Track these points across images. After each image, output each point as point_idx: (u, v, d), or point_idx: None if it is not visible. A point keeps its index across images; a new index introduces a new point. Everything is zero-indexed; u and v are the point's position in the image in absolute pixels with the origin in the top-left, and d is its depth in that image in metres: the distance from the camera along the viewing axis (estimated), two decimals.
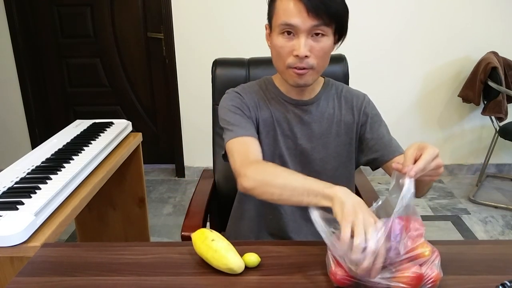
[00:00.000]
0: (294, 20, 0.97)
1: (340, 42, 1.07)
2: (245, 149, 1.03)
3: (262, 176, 0.94)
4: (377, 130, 1.14)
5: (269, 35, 1.08)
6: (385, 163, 1.13)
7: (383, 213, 0.80)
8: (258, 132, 1.12)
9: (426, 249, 0.76)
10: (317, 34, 0.99)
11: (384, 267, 0.75)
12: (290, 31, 0.99)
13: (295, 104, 1.13)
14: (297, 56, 0.99)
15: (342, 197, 0.80)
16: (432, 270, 0.76)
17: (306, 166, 1.14)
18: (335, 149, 1.14)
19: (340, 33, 1.04)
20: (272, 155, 1.14)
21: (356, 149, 1.17)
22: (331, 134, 1.14)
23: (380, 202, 0.82)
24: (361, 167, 1.24)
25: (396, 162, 0.84)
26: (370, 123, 1.14)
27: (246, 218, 1.21)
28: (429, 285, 0.75)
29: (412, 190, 0.76)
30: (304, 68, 1.01)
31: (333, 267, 0.79)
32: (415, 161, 0.80)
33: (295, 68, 1.02)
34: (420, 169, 0.78)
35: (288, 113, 1.13)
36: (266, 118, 1.13)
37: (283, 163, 1.13)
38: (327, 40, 1.01)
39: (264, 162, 1.02)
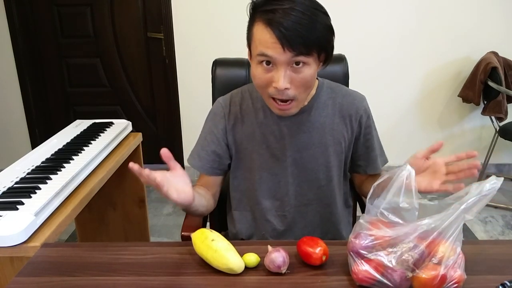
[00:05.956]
0: (271, 52, 0.91)
1: (327, 63, 1.01)
2: None
3: None
4: (369, 141, 1.15)
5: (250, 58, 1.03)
6: (364, 174, 1.18)
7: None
8: (237, 151, 1.13)
9: (450, 250, 0.75)
10: (297, 63, 0.93)
11: (407, 267, 0.75)
12: (268, 61, 0.93)
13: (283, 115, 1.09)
14: (276, 87, 0.94)
15: None
16: (456, 272, 0.75)
17: (298, 177, 1.12)
18: (327, 159, 1.12)
19: (326, 55, 0.98)
20: (260, 169, 1.12)
21: (348, 157, 1.16)
22: (321, 144, 1.11)
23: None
24: None
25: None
26: (364, 134, 1.14)
27: (245, 220, 1.21)
28: (453, 287, 0.75)
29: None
30: (285, 100, 0.97)
31: (354, 266, 0.79)
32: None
33: (277, 99, 0.98)
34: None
35: (275, 125, 1.10)
36: (250, 133, 1.11)
37: (273, 175, 1.13)
38: (309, 70, 0.94)
39: None
